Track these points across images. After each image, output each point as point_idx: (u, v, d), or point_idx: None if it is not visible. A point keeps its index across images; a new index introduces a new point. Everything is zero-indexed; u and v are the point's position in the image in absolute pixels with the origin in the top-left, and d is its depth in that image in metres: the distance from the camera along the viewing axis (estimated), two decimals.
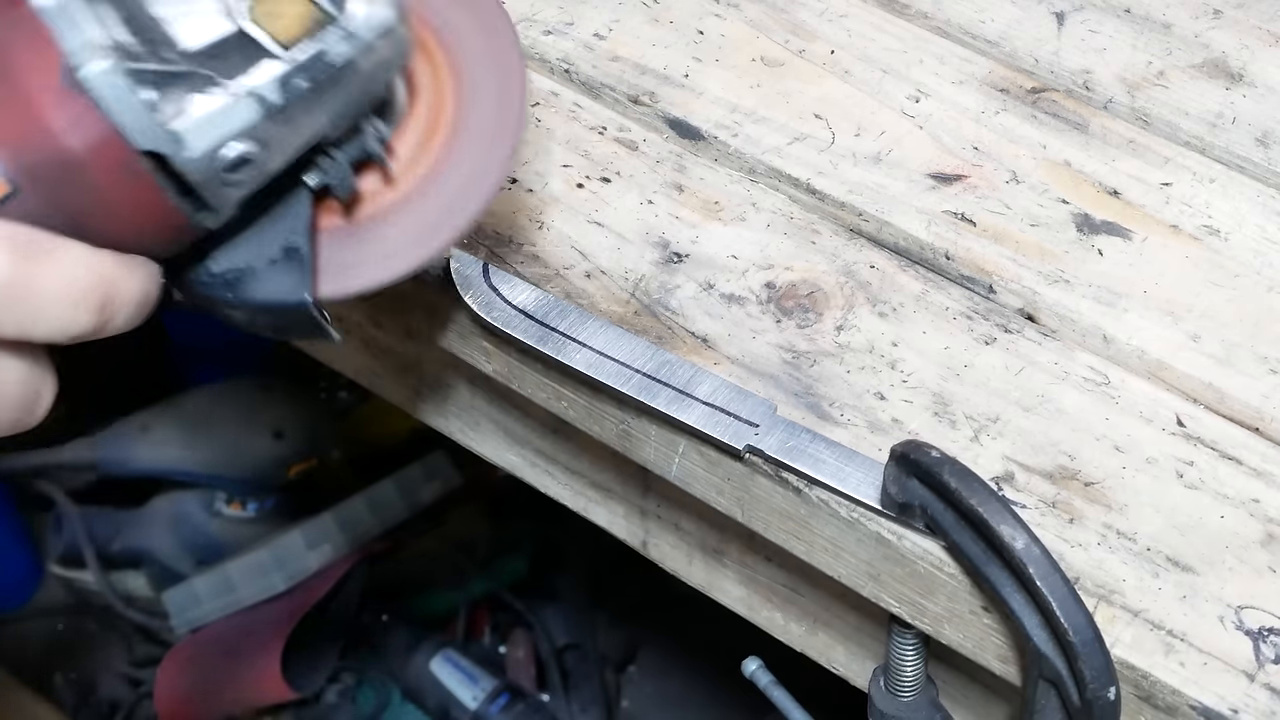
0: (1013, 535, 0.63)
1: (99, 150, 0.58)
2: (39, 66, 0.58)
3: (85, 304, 0.58)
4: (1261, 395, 0.75)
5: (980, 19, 0.93)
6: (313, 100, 0.62)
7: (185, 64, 0.59)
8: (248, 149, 0.60)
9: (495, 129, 0.71)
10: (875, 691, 0.79)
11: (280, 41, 0.60)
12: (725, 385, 0.73)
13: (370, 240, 0.69)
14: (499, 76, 0.72)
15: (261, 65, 0.60)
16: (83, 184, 0.58)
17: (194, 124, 0.59)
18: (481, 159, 0.70)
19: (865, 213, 0.82)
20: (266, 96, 0.60)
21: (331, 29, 0.61)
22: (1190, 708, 0.65)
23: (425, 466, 1.93)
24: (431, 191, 0.70)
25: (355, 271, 0.69)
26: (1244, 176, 0.85)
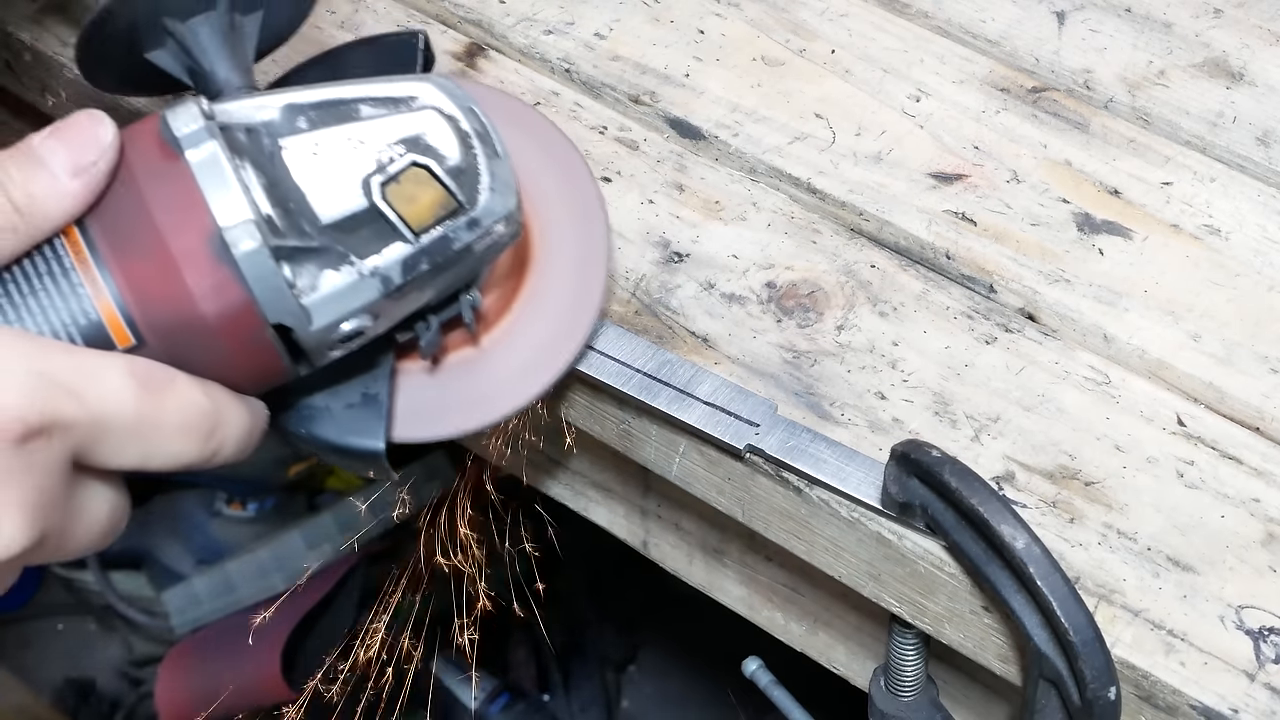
0: (1013, 535, 0.63)
1: (232, 319, 0.59)
2: (187, 227, 0.59)
3: (199, 437, 0.60)
4: (1262, 395, 0.75)
5: (981, 18, 0.93)
6: (428, 280, 0.63)
7: (321, 238, 0.61)
8: (362, 323, 0.62)
9: (577, 294, 0.73)
10: (876, 691, 0.79)
11: (411, 226, 0.62)
12: (726, 385, 0.73)
13: (446, 391, 0.71)
14: (584, 240, 0.74)
15: (391, 246, 0.62)
16: (206, 344, 0.60)
17: (322, 300, 0.61)
18: (562, 321, 0.72)
19: (866, 212, 0.82)
20: (391, 277, 0.62)
21: (459, 216, 0.63)
22: (1190, 707, 0.64)
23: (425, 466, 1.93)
24: (510, 351, 0.72)
25: (427, 421, 0.71)
26: (1244, 176, 0.85)
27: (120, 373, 0.57)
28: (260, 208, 0.60)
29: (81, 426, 0.56)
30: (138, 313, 0.59)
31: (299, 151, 0.61)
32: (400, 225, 0.62)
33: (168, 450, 0.59)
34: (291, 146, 0.61)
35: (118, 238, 0.59)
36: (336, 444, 0.68)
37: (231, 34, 0.69)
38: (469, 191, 0.63)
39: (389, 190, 0.62)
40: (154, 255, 0.59)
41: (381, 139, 0.63)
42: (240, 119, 0.61)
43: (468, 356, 0.71)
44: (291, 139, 0.62)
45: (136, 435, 0.58)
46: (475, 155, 0.64)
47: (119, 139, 0.60)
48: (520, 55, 0.90)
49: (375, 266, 0.61)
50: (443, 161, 0.63)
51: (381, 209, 0.62)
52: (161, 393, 0.58)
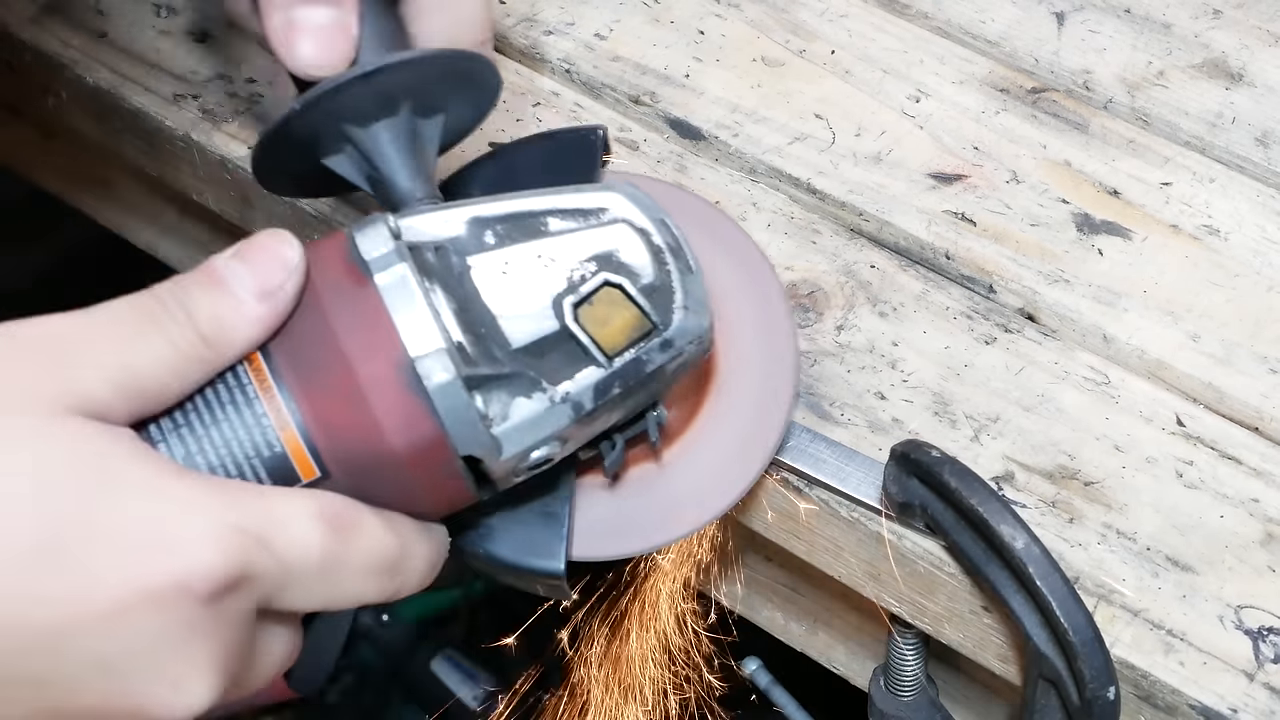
0: (1013, 535, 0.63)
1: (422, 452, 0.57)
2: (376, 356, 0.56)
3: (385, 575, 0.58)
4: (1261, 395, 0.75)
5: (980, 19, 0.93)
6: (619, 403, 0.61)
7: (512, 364, 0.58)
8: (552, 451, 0.60)
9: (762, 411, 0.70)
10: (875, 691, 0.79)
11: (604, 349, 0.60)
12: None
13: (626, 508, 0.69)
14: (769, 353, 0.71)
15: (583, 371, 0.59)
16: (393, 476, 0.57)
17: (513, 429, 0.58)
18: (746, 439, 0.70)
19: (866, 212, 0.82)
20: (582, 403, 0.59)
21: (652, 338, 0.60)
22: (1190, 707, 0.65)
23: None
24: (692, 468, 0.69)
25: (606, 539, 0.68)
26: (1244, 176, 0.85)
27: (309, 516, 0.55)
28: (451, 334, 0.57)
29: (270, 577, 0.54)
30: (323, 444, 0.56)
31: (488, 270, 0.59)
32: (593, 349, 0.59)
33: (352, 591, 0.57)
34: (480, 265, 0.59)
35: (303, 365, 0.56)
36: (515, 564, 0.65)
37: (413, 140, 0.65)
38: (662, 311, 0.61)
39: (581, 312, 0.59)
40: (341, 385, 0.56)
41: (572, 256, 0.60)
42: (427, 237, 0.59)
43: (649, 473, 0.69)
44: (480, 257, 0.59)
45: (322, 580, 0.56)
46: (669, 271, 0.61)
47: (305, 260, 0.57)
48: (520, 56, 0.90)
49: (567, 393, 0.59)
50: (636, 280, 0.60)
51: (574, 332, 0.59)
52: (349, 535, 0.56)
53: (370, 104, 0.64)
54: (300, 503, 0.55)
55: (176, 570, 0.51)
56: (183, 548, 0.52)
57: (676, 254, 0.62)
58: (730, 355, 0.70)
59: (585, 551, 0.67)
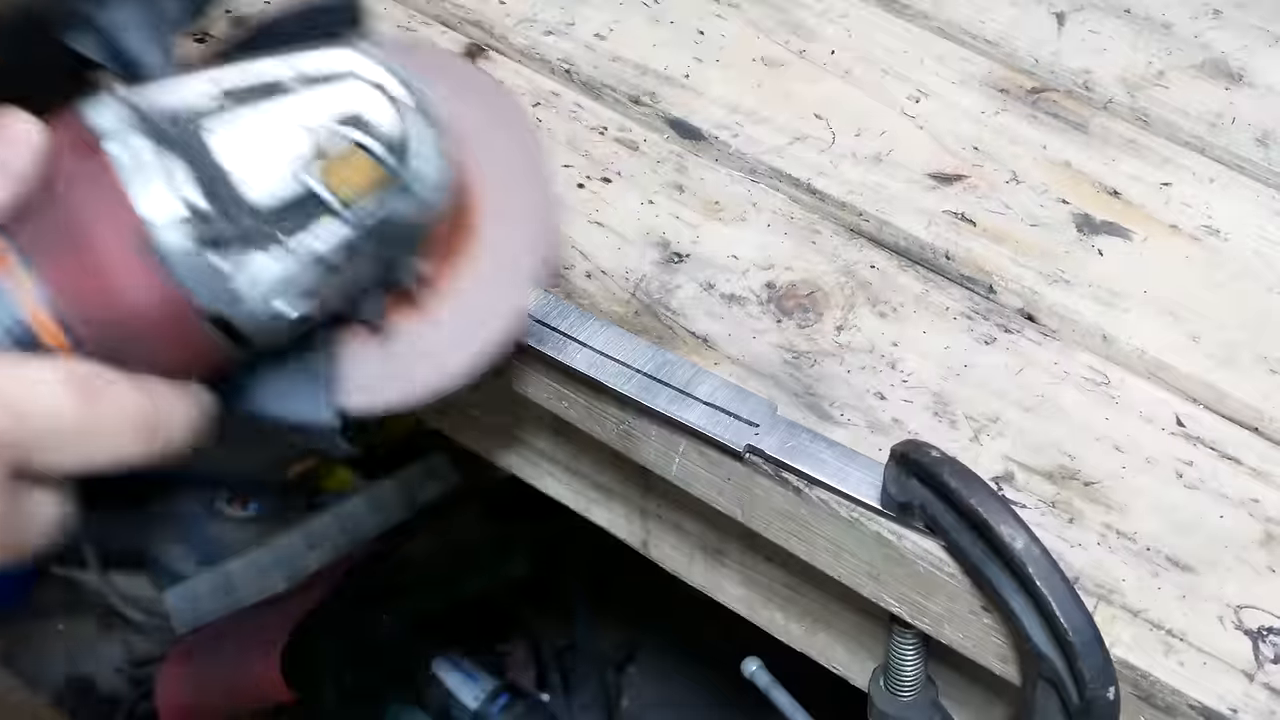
0: (1012, 535, 0.63)
1: (166, 315, 0.58)
2: (113, 226, 0.57)
3: (142, 435, 0.59)
4: (1261, 395, 0.75)
5: (980, 19, 0.93)
6: (369, 256, 0.62)
7: (252, 222, 0.59)
8: (303, 305, 0.61)
9: (520, 249, 0.70)
10: (875, 691, 0.79)
11: (345, 202, 0.60)
12: (725, 385, 0.73)
13: (393, 359, 0.69)
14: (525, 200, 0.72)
15: (326, 225, 0.60)
16: (142, 340, 0.59)
17: (258, 287, 0.59)
18: (507, 279, 0.70)
19: (865, 213, 0.82)
20: (328, 258, 0.60)
21: (396, 191, 0.61)
22: (1190, 707, 0.65)
23: (425, 466, 1.93)
24: (453, 316, 0.70)
25: (373, 391, 0.69)
26: (1244, 176, 0.85)
27: (57, 382, 0.56)
28: (188, 199, 0.58)
29: (20, 442, 0.56)
30: (69, 313, 0.58)
31: (227, 135, 0.60)
32: (335, 204, 0.60)
33: (110, 452, 0.59)
34: (219, 130, 0.60)
35: (43, 240, 0.58)
36: (283, 418, 0.67)
37: (151, 12, 0.66)
38: (404, 164, 0.62)
39: (322, 169, 0.60)
40: (81, 255, 0.57)
41: (311, 115, 0.61)
42: (164, 106, 0.60)
43: (412, 323, 0.70)
44: (219, 122, 0.60)
45: (76, 442, 0.57)
46: (409, 126, 0.62)
47: (45, 138, 0.58)
48: (520, 56, 0.90)
49: (311, 248, 0.60)
50: (376, 136, 0.61)
51: (314, 189, 0.60)
52: (99, 398, 0.57)
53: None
54: (47, 369, 0.57)
55: None
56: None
57: (416, 109, 0.63)
58: (486, 204, 0.71)
59: (353, 404, 0.68)
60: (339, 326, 0.68)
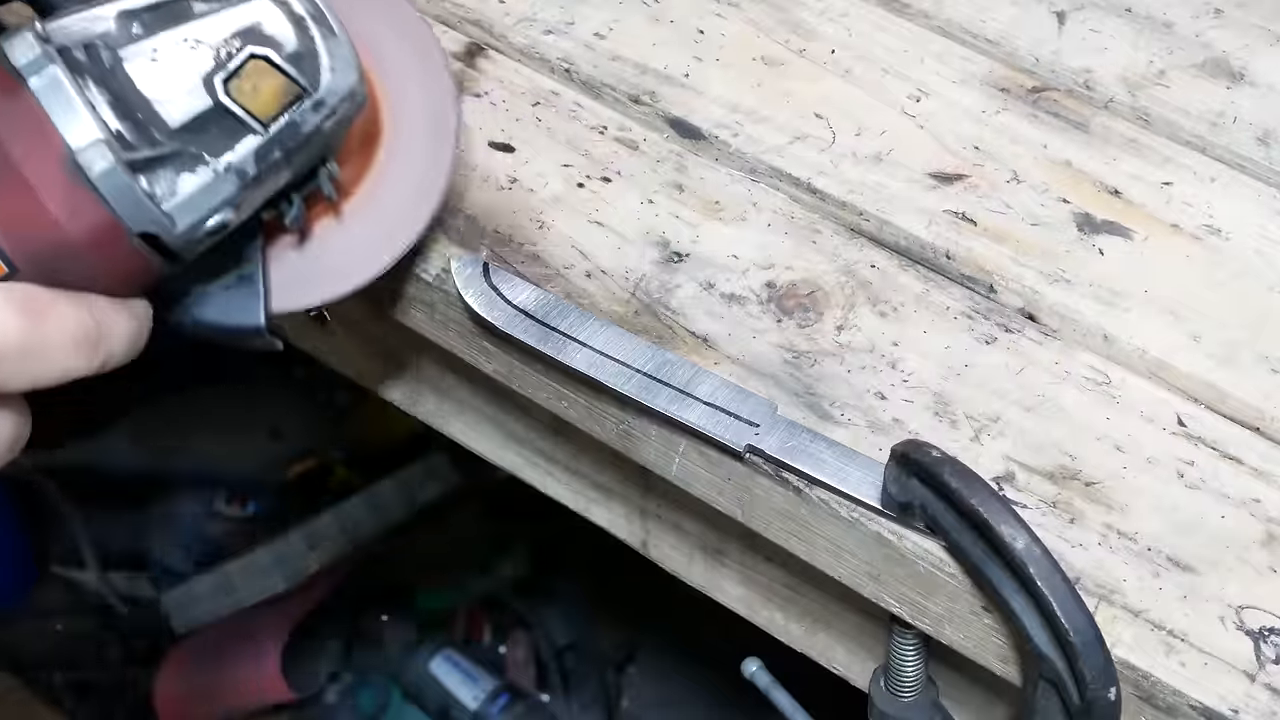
0: (1013, 535, 0.63)
1: (97, 237, 0.61)
2: (39, 155, 0.60)
3: (86, 349, 0.62)
4: (1263, 395, 0.75)
5: (981, 18, 0.93)
6: (283, 165, 0.66)
7: (173, 144, 0.63)
8: (225, 217, 0.64)
9: (431, 148, 0.75)
10: (876, 692, 0.79)
11: (258, 117, 0.64)
12: (725, 385, 0.73)
13: (317, 260, 0.74)
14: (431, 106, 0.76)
15: (241, 140, 0.64)
16: (76, 263, 0.61)
17: (183, 203, 0.63)
18: (418, 182, 0.75)
19: (866, 212, 0.82)
20: (245, 170, 0.64)
21: (303, 101, 0.65)
22: (1191, 708, 0.64)
23: (425, 466, 1.93)
24: (373, 212, 0.75)
25: (303, 289, 0.74)
26: (1245, 176, 0.85)
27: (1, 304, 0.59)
28: (109, 124, 0.61)
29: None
30: (4, 242, 0.60)
31: (138, 60, 0.63)
32: (247, 118, 0.64)
33: (57, 367, 0.61)
34: (131, 56, 0.63)
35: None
36: (220, 325, 0.70)
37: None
38: (310, 75, 0.65)
39: (232, 86, 0.64)
40: (11, 186, 0.60)
41: (217, 35, 0.64)
42: (77, 36, 0.62)
43: (331, 226, 0.74)
44: (130, 48, 0.63)
45: (23, 359, 0.60)
46: (312, 37, 0.65)
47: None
48: (520, 55, 0.90)
49: (229, 162, 0.63)
50: (280, 49, 0.64)
51: (227, 105, 0.63)
52: (43, 316, 0.60)
53: None
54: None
55: None
56: None
57: (318, 20, 0.66)
58: (394, 111, 0.76)
59: (282, 304, 0.73)
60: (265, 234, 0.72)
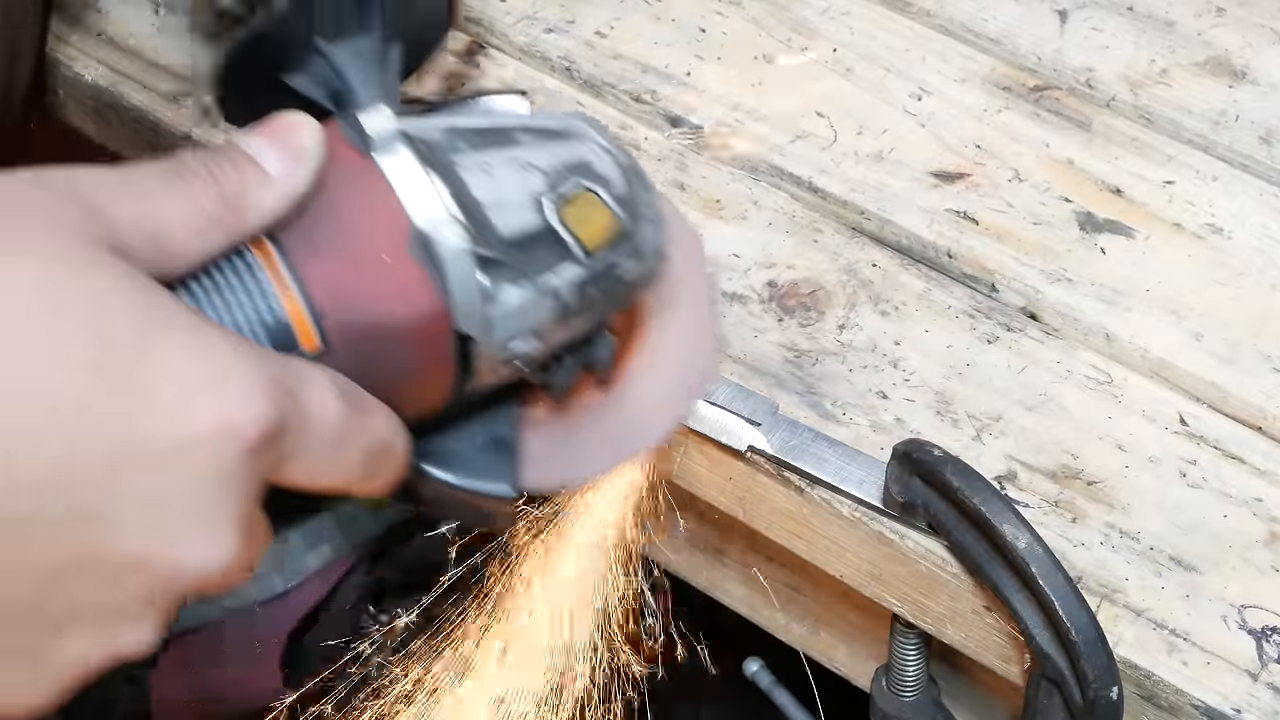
0: (1015, 534, 0.63)
1: (423, 324, 0.58)
2: (383, 226, 0.57)
3: (375, 463, 0.57)
4: (1265, 394, 0.75)
5: (983, 17, 0.93)
6: (592, 307, 0.62)
7: (503, 253, 0.59)
8: (532, 345, 0.61)
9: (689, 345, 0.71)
10: (877, 691, 0.79)
11: (585, 247, 0.61)
12: (727, 384, 0.73)
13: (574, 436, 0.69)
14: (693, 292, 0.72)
15: (565, 266, 0.61)
16: (389, 352, 0.58)
17: (504, 314, 0.59)
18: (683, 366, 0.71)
19: (867, 211, 0.82)
20: (565, 298, 0.61)
21: (625, 244, 0.62)
22: (1193, 707, 0.64)
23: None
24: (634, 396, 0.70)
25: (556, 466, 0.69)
26: (1247, 175, 0.85)
27: (329, 383, 0.54)
28: (454, 213, 0.58)
29: (297, 437, 0.52)
30: (327, 313, 0.56)
31: (472, 169, 0.60)
32: (574, 246, 0.61)
33: (345, 471, 0.55)
34: (464, 163, 0.60)
35: (306, 237, 0.57)
36: (466, 487, 0.65)
37: (380, 59, 0.67)
38: (633, 220, 0.62)
39: (562, 211, 0.61)
40: (347, 255, 0.57)
41: (548, 162, 0.62)
42: (415, 133, 0.60)
43: (591, 401, 0.70)
44: (461, 156, 0.61)
45: (329, 451, 0.54)
46: (635, 186, 0.63)
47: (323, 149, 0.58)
48: (521, 54, 0.90)
49: (552, 285, 0.60)
50: (609, 188, 0.62)
51: (557, 228, 0.61)
52: (360, 410, 0.55)
53: (346, 15, 0.66)
54: (320, 370, 0.55)
55: (231, 412, 0.50)
56: (236, 391, 0.50)
57: (637, 173, 0.64)
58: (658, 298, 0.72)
59: (531, 480, 0.68)
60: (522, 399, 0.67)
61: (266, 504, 0.54)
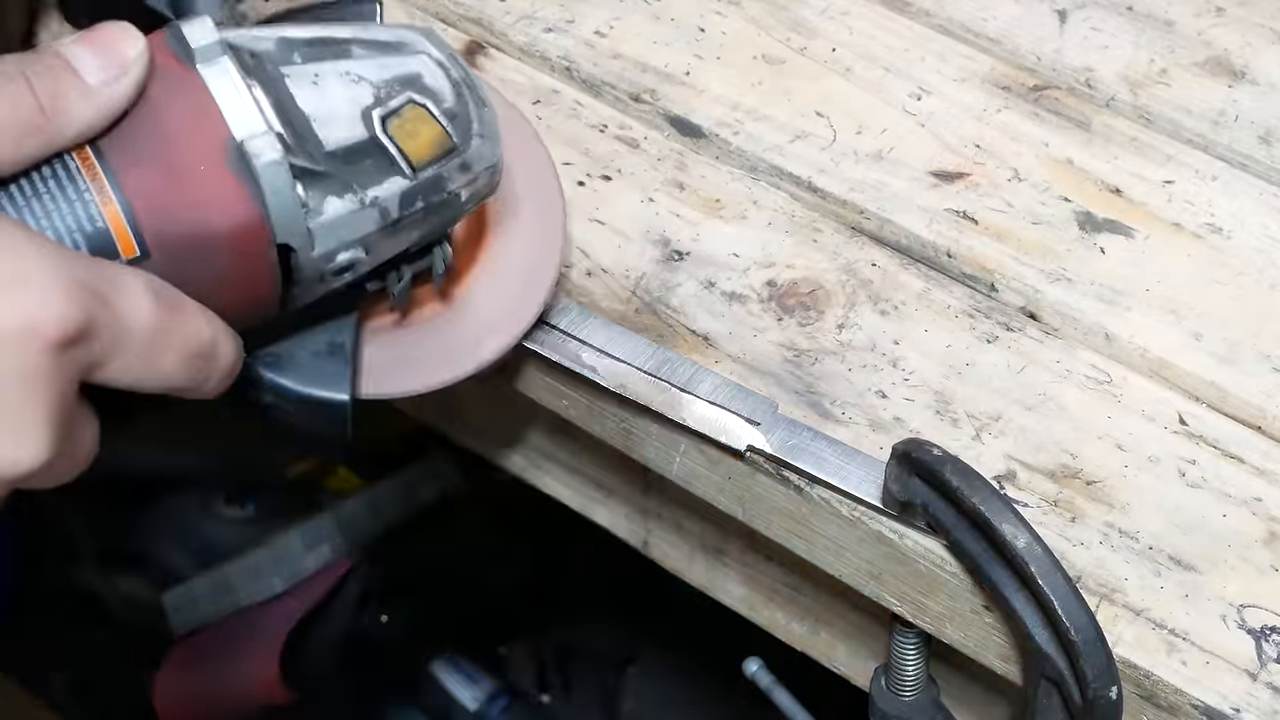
0: (1014, 534, 0.63)
1: (240, 234, 0.58)
2: (202, 137, 0.58)
3: (197, 363, 0.58)
4: (1264, 394, 0.75)
5: (982, 16, 0.93)
6: (419, 220, 0.63)
7: (326, 164, 0.60)
8: (356, 255, 0.62)
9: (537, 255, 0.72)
10: (877, 691, 0.79)
11: (410, 161, 0.62)
12: (726, 384, 0.73)
13: (412, 347, 0.70)
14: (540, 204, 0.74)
15: (390, 179, 0.62)
16: (210, 260, 0.58)
17: (326, 225, 0.60)
18: (525, 279, 0.72)
19: (867, 211, 0.82)
20: (389, 209, 0.61)
21: (453, 158, 0.63)
22: (1192, 707, 0.64)
23: (425, 466, 1.93)
24: (475, 308, 0.71)
25: (394, 376, 0.69)
26: (1246, 174, 0.85)
27: (142, 286, 0.55)
28: (273, 125, 0.59)
29: (107, 337, 0.53)
30: (146, 222, 0.57)
31: (300, 80, 0.61)
32: (400, 160, 0.62)
33: (166, 372, 0.56)
34: (292, 75, 0.61)
35: (126, 146, 0.57)
36: (301, 393, 0.66)
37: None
38: (462, 135, 0.63)
39: (389, 125, 0.62)
40: (166, 165, 0.57)
41: (378, 75, 0.62)
42: (243, 44, 0.61)
43: (433, 312, 0.71)
44: (291, 68, 0.61)
45: (146, 353, 0.55)
46: (467, 102, 0.64)
47: (146, 58, 0.58)
48: (520, 53, 0.90)
49: (376, 196, 0.61)
50: (439, 103, 0.63)
51: (383, 141, 0.62)
52: (175, 313, 0.56)
53: None
54: (132, 274, 0.55)
55: (31, 311, 0.51)
56: (36, 291, 0.51)
57: (471, 87, 0.65)
58: (502, 208, 0.73)
59: (371, 389, 0.69)
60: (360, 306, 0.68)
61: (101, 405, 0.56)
